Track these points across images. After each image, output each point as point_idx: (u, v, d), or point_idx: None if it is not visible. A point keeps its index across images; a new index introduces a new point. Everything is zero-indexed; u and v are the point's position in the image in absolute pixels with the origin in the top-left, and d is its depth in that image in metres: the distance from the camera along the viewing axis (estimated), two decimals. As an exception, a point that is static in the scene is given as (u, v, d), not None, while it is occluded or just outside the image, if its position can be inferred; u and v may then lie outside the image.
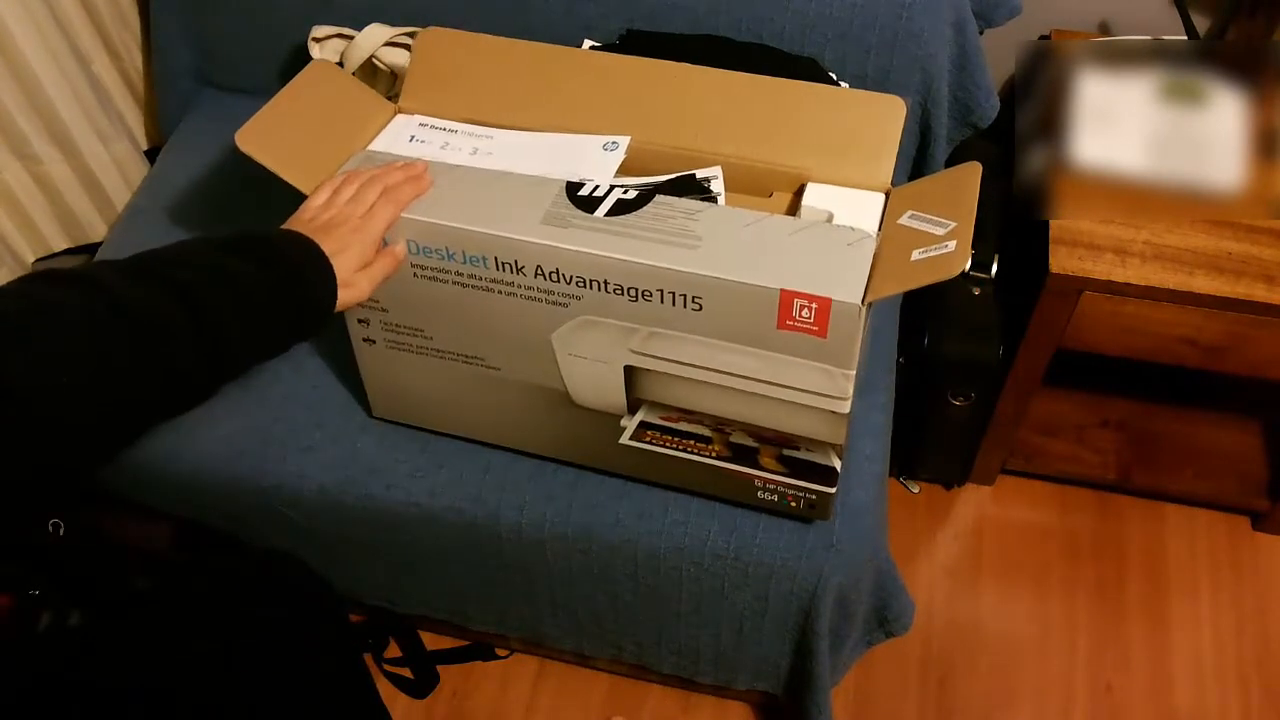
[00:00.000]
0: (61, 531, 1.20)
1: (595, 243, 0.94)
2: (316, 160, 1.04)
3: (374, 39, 1.29)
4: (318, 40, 1.32)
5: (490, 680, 1.52)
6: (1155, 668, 1.51)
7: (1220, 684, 1.49)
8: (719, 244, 0.94)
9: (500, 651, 1.53)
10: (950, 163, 1.38)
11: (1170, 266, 1.25)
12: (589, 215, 0.96)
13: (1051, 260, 1.26)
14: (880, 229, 0.99)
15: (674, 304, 0.95)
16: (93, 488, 1.27)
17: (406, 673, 1.50)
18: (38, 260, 1.47)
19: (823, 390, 0.98)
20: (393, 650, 1.52)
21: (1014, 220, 1.35)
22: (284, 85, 1.07)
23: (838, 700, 1.45)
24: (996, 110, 1.35)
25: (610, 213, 0.96)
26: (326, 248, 0.93)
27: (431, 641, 1.52)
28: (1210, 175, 1.25)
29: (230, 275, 0.86)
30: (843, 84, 1.24)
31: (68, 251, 1.50)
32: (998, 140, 1.41)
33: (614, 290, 0.96)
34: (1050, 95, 1.29)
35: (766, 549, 1.14)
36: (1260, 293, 1.23)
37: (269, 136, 1.03)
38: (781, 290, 0.90)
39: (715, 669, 1.35)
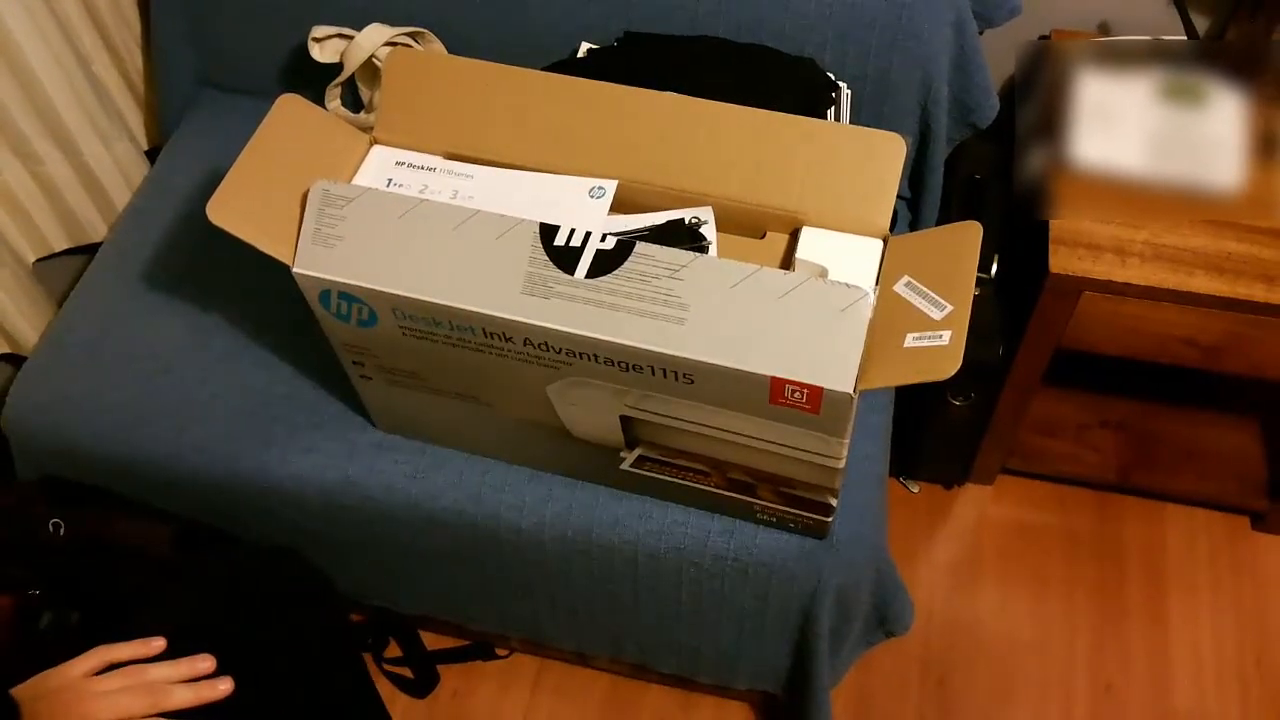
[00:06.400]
0: (61, 531, 1.20)
1: (579, 319, 0.92)
2: (294, 221, 0.99)
3: (374, 39, 1.29)
4: (318, 40, 1.32)
5: (490, 680, 1.52)
6: (1155, 668, 1.51)
7: (1220, 684, 1.49)
8: (706, 314, 0.91)
9: (500, 651, 1.53)
10: (950, 163, 1.38)
11: (1170, 266, 1.25)
12: (569, 276, 0.93)
13: (1051, 260, 1.26)
14: (877, 286, 0.96)
15: (664, 376, 0.94)
16: (93, 488, 1.27)
17: (406, 673, 1.51)
18: (38, 260, 1.47)
19: (817, 450, 0.97)
20: (393, 650, 1.52)
21: (1014, 220, 1.35)
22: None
23: (838, 700, 1.45)
24: (996, 110, 1.34)
25: (591, 271, 0.93)
26: None
27: (431, 641, 1.52)
28: (1210, 175, 1.25)
29: None
30: (842, 84, 1.24)
31: (68, 251, 1.50)
32: (998, 140, 1.41)
33: (604, 361, 0.94)
34: (1050, 95, 1.29)
35: (766, 549, 1.15)
36: (1260, 293, 1.23)
37: (241, 202, 0.98)
38: (772, 378, 0.90)
39: (715, 669, 1.35)
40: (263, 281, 1.27)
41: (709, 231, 1.02)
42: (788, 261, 1.02)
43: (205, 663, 0.96)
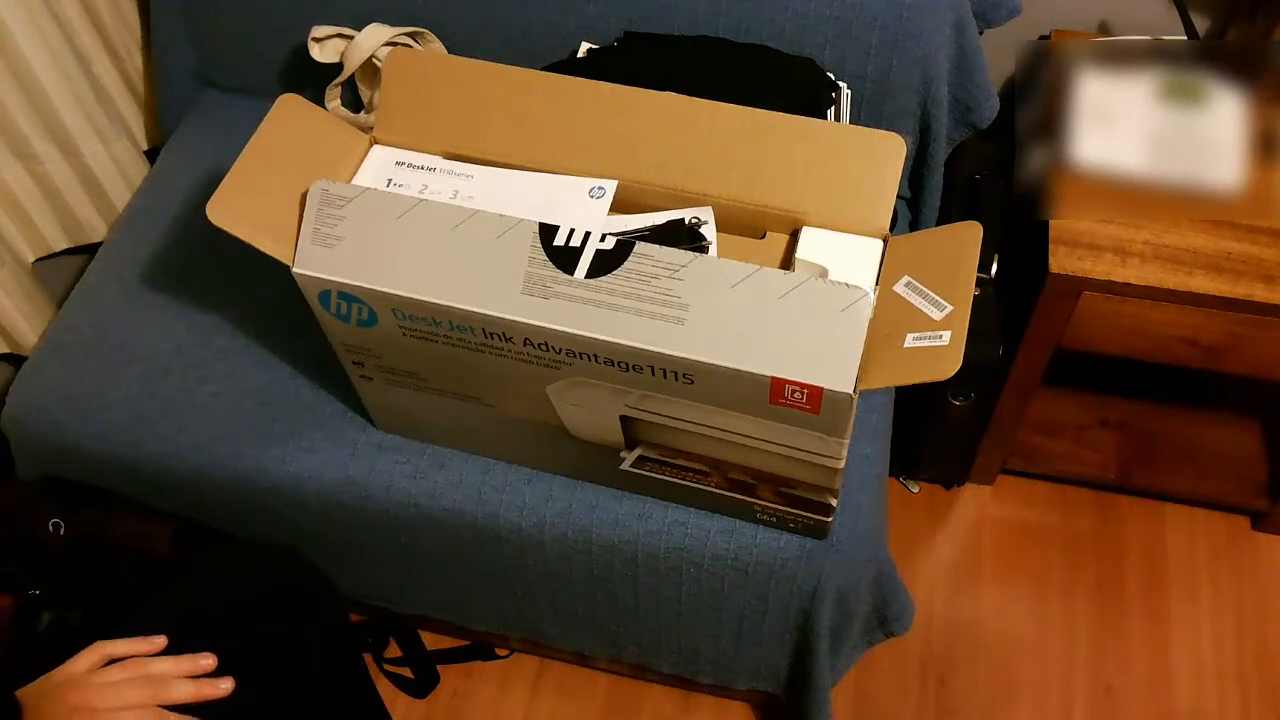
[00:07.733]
0: (61, 531, 1.20)
1: (579, 319, 0.92)
2: (294, 222, 1.00)
3: (374, 39, 1.29)
4: (318, 40, 1.32)
5: (490, 680, 1.52)
6: (1155, 667, 1.51)
7: (1220, 684, 1.49)
8: (706, 314, 0.90)
9: (500, 651, 1.53)
10: (950, 163, 1.38)
11: (1170, 266, 1.25)
12: (569, 277, 0.93)
13: (1051, 260, 1.26)
14: (877, 286, 0.96)
15: (665, 377, 0.94)
16: (93, 488, 1.27)
17: (406, 673, 1.51)
18: (37, 260, 1.47)
19: (817, 450, 0.97)
20: (393, 650, 1.52)
21: (1014, 220, 1.35)
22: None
23: (838, 700, 1.45)
24: (996, 110, 1.35)
25: (590, 272, 0.93)
26: None
27: (431, 641, 1.52)
28: (1210, 175, 1.25)
29: None
30: (842, 84, 1.24)
31: (68, 251, 1.50)
32: (998, 140, 1.41)
33: (604, 362, 0.94)
34: (1050, 95, 1.29)
35: (766, 550, 1.15)
36: (1260, 293, 1.23)
37: (240, 202, 0.98)
38: (772, 378, 0.90)
39: (715, 669, 1.35)
40: (263, 281, 1.27)
41: (709, 231, 1.02)
42: (788, 261, 1.02)
43: (207, 660, 0.96)
